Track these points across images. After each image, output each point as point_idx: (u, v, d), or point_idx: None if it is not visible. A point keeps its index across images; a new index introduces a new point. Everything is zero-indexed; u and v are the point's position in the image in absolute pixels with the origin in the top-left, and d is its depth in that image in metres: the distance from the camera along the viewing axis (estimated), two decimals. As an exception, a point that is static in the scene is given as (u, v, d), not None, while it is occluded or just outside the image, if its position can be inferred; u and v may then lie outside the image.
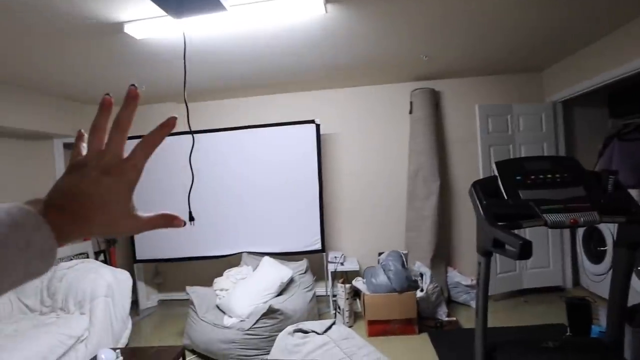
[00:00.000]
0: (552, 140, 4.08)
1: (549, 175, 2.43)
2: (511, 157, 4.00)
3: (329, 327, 2.43)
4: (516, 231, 2.02)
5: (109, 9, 2.24)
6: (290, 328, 2.53)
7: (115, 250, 4.84)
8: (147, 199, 4.24)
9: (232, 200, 4.15)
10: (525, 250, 1.82)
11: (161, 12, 2.25)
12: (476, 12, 2.65)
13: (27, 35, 2.49)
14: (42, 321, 2.98)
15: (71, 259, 3.82)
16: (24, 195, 3.98)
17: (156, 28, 2.47)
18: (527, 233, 3.89)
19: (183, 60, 2.22)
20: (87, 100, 4.28)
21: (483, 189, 2.41)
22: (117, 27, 2.46)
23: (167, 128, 0.45)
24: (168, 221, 0.46)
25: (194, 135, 4.10)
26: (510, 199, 2.31)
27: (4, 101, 3.37)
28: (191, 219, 2.68)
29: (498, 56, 3.62)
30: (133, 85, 0.45)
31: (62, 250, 4.08)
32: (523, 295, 3.98)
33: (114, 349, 2.36)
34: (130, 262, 4.45)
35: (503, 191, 2.37)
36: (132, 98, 0.44)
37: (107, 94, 0.45)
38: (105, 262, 4.58)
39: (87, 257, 4.29)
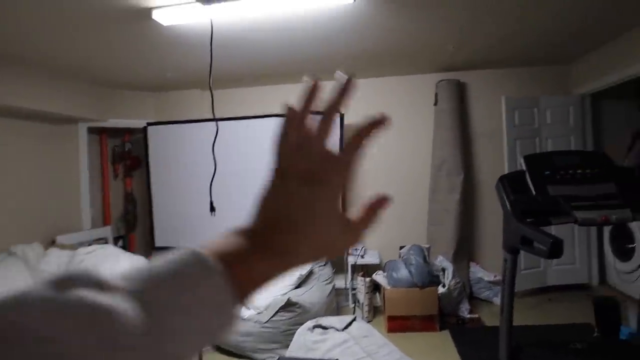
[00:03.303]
0: (580, 134, 3.94)
1: (579, 171, 2.34)
2: (537, 151, 3.89)
3: (350, 324, 2.41)
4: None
5: None
6: (309, 323, 2.52)
7: (135, 236, 4.89)
8: (167, 189, 4.29)
9: (253, 190, 4.13)
10: (556, 249, 1.76)
11: None
12: (506, 1, 2.56)
13: (54, 18, 2.48)
14: (57, 308, 3.03)
15: (90, 244, 3.83)
16: (47, 178, 4.02)
17: (183, 14, 2.47)
18: (552, 228, 3.77)
19: (209, 48, 2.21)
20: (112, 84, 4.28)
21: (510, 183, 2.35)
22: (146, 13, 2.45)
23: (385, 121, 0.35)
24: (379, 206, 0.38)
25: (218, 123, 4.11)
26: (539, 195, 2.24)
27: (29, 83, 3.39)
28: (212, 209, 2.69)
29: (526, 47, 3.50)
30: (346, 75, 0.35)
31: (81, 236, 4.13)
32: (547, 293, 3.89)
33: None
34: (149, 248, 4.45)
35: (531, 186, 2.31)
36: (350, 88, 0.35)
37: (315, 77, 0.35)
38: (124, 248, 4.57)
39: (106, 243, 4.28)
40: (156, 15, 2.47)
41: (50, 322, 0.22)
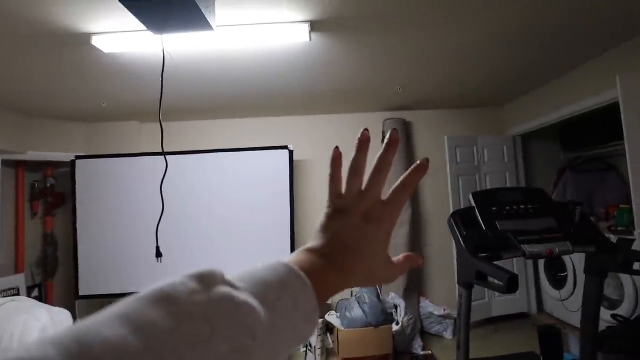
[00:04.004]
0: (514, 171, 4.27)
1: (522, 206, 2.49)
2: (478, 187, 4.13)
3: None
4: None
5: (77, 19, 2.07)
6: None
7: (54, 284, 4.28)
8: (97, 230, 3.91)
9: (195, 228, 3.87)
10: (512, 284, 1.82)
11: (135, 26, 2.12)
12: (448, 50, 2.77)
13: None
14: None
15: (-3, 297, 3.27)
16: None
17: (128, 42, 2.33)
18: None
19: (157, 76, 2.06)
20: (34, 113, 3.87)
21: (462, 219, 2.43)
22: (84, 39, 2.28)
23: (423, 168, 0.44)
24: (412, 261, 0.46)
25: (158, 157, 3.85)
26: (489, 230, 2.34)
27: None
28: (159, 254, 2.47)
29: (465, 90, 3.78)
30: (395, 129, 0.45)
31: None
32: (492, 324, 4.02)
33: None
34: (71, 298, 3.94)
35: (481, 222, 2.40)
36: (394, 142, 0.44)
37: (366, 130, 0.44)
38: (40, 299, 3.99)
39: (18, 294, 3.69)
40: (96, 42, 2.29)
41: (205, 310, 0.26)
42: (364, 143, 0.44)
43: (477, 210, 2.45)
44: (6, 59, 2.54)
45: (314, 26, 2.28)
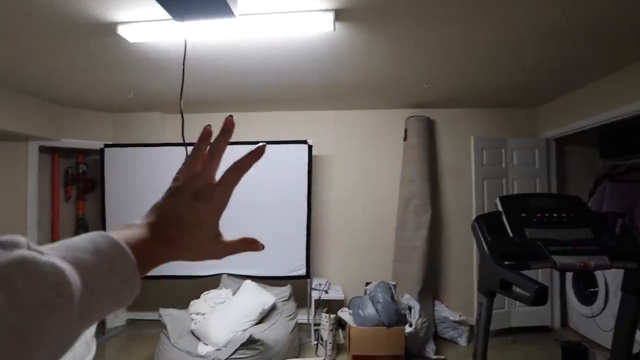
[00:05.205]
0: (545, 177, 4.05)
1: (555, 214, 2.32)
2: (504, 191, 3.93)
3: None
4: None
5: (103, 9, 2.07)
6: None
7: None
8: (123, 214, 3.97)
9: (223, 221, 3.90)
10: (541, 296, 1.68)
11: (159, 15, 2.11)
12: (479, 45, 2.60)
13: (7, 30, 2.27)
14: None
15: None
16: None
17: (152, 31, 2.30)
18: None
19: (180, 67, 2.07)
20: (68, 102, 4.01)
21: (487, 224, 2.28)
22: (110, 28, 2.28)
23: (257, 154, 0.47)
24: (247, 245, 0.49)
25: (181, 148, 3.86)
26: (516, 237, 2.18)
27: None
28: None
29: (495, 89, 3.58)
30: (231, 115, 0.48)
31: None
32: (511, 334, 3.84)
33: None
34: None
35: (508, 228, 2.25)
36: (227, 127, 0.48)
37: (208, 125, 0.49)
38: None
39: None
40: (122, 31, 2.28)
41: (2, 270, 0.26)
42: (205, 136, 0.47)
43: (504, 215, 2.30)
44: (39, 50, 2.59)
45: (338, 15, 2.17)
